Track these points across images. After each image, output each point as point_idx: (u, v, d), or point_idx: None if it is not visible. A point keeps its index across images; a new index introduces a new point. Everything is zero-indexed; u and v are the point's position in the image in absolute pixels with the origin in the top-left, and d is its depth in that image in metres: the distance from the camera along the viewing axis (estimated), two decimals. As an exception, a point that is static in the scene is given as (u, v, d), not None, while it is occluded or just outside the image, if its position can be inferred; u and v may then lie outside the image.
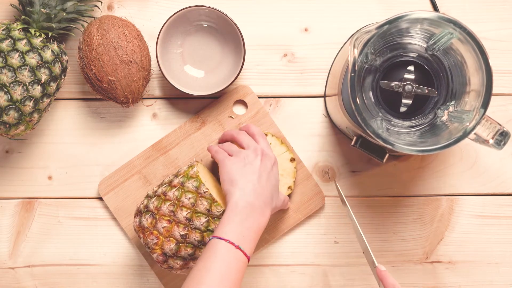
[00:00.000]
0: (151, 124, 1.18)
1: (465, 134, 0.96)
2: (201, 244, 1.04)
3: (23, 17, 1.08)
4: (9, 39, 1.06)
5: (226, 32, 1.15)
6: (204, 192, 1.04)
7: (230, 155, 1.07)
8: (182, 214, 1.03)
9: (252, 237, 0.99)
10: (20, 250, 1.18)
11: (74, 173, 1.18)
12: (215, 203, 1.04)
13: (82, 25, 1.14)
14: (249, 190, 1.01)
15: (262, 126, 1.17)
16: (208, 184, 1.06)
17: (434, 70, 1.04)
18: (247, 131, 1.11)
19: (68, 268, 1.18)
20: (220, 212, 1.03)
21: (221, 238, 0.96)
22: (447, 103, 1.03)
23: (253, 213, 1.00)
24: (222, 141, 1.14)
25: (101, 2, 1.16)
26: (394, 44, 1.04)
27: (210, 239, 0.98)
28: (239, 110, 1.18)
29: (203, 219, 1.03)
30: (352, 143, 1.06)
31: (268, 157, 1.06)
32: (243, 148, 1.08)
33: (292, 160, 1.15)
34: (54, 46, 1.09)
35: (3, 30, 1.07)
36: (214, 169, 1.17)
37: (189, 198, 1.03)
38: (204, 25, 1.16)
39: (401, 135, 1.03)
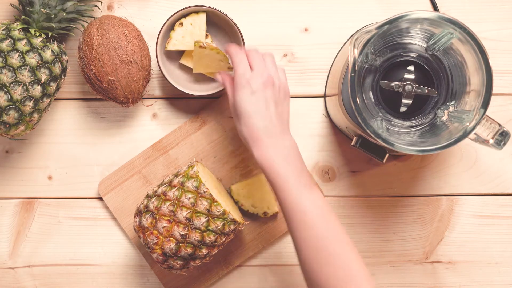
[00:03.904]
0: (151, 124, 1.18)
1: (465, 134, 0.96)
2: (201, 243, 1.04)
3: (23, 17, 1.08)
4: (9, 39, 1.06)
5: (226, 32, 1.15)
6: (204, 192, 1.04)
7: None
8: (182, 214, 1.03)
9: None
10: (20, 250, 1.18)
11: (74, 173, 1.18)
12: (215, 203, 1.03)
13: (82, 25, 1.14)
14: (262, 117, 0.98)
15: (262, 126, 1.17)
16: (208, 184, 1.06)
17: (434, 70, 1.04)
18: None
19: (68, 268, 1.18)
20: (220, 212, 1.03)
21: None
22: (447, 103, 1.03)
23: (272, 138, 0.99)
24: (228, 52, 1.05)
25: (101, 2, 1.16)
26: (394, 44, 1.04)
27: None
28: (239, 110, 1.18)
29: (203, 219, 1.03)
30: (352, 143, 1.06)
31: (279, 86, 1.01)
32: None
33: None
34: (54, 46, 1.09)
35: (3, 30, 1.07)
36: (214, 170, 1.17)
37: (189, 198, 1.03)
38: (204, 25, 1.16)
39: (401, 135, 1.03)
